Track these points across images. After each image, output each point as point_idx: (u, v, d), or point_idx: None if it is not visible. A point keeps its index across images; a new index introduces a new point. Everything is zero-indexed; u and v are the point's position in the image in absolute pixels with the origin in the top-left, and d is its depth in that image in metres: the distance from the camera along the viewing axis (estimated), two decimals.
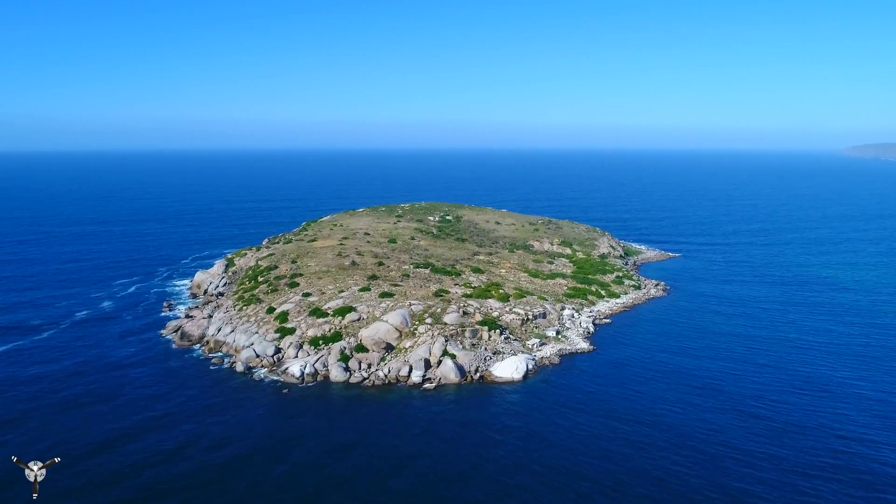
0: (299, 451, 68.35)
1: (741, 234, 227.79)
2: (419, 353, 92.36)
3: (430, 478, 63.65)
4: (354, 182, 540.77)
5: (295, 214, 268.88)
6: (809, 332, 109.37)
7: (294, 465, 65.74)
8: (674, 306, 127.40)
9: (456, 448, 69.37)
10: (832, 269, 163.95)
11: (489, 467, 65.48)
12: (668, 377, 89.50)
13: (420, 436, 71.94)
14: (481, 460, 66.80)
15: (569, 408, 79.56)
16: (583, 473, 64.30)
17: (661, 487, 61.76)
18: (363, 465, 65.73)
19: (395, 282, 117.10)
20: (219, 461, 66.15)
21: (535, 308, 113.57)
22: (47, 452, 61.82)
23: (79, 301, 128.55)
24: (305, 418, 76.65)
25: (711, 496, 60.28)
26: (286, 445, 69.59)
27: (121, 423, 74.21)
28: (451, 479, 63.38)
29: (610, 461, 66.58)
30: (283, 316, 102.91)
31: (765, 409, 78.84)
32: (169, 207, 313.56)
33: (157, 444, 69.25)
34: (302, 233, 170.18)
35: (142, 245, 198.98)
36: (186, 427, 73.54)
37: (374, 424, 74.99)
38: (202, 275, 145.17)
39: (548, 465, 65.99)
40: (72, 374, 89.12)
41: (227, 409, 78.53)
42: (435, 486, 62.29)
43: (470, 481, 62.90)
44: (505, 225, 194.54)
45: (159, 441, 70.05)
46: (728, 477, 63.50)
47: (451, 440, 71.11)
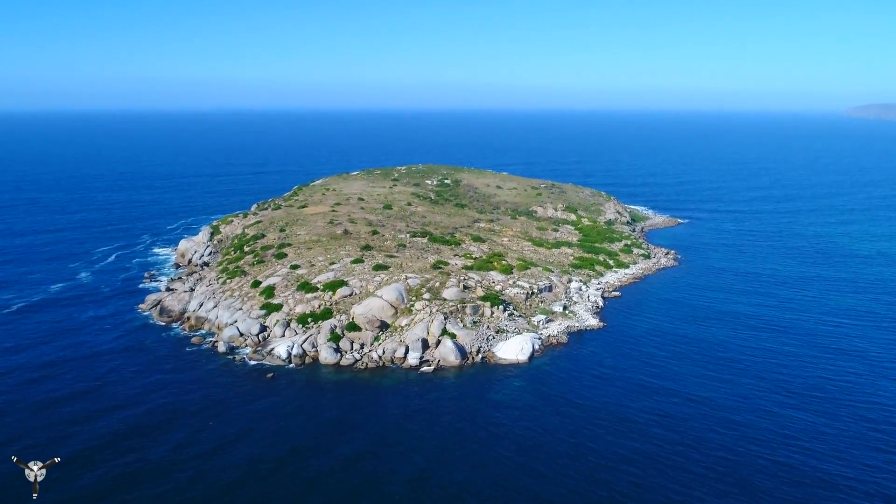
0: (280, 449, 61.29)
1: (751, 200, 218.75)
2: (416, 332, 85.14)
3: (428, 481, 56.89)
4: (349, 144, 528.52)
5: (287, 178, 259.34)
6: (836, 313, 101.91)
7: (274, 463, 58.85)
8: (686, 279, 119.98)
9: (453, 447, 62.41)
10: (852, 239, 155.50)
11: (490, 470, 58.58)
12: (686, 360, 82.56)
13: (417, 431, 64.82)
14: (482, 461, 59.88)
15: (578, 396, 72.68)
16: (600, 478, 57.56)
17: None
18: (351, 465, 58.90)
19: (390, 252, 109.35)
20: (189, 459, 59.22)
21: (541, 281, 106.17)
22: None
23: (54, 272, 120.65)
24: (290, 408, 69.48)
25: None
26: (267, 442, 62.59)
27: (82, 407, 67.20)
28: (448, 486, 56.64)
29: (627, 463, 59.85)
30: (270, 290, 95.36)
31: (794, 399, 72.14)
32: (155, 171, 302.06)
33: (113, 438, 62.05)
34: (292, 198, 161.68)
35: (125, 211, 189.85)
36: (154, 418, 66.22)
37: (366, 416, 67.82)
38: (187, 243, 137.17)
39: (556, 470, 59.19)
40: (34, 355, 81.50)
41: (203, 398, 71.09)
42: (433, 491, 55.54)
43: (469, 487, 56.11)
44: (506, 189, 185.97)
45: (118, 435, 62.70)
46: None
47: (450, 436, 64.17)
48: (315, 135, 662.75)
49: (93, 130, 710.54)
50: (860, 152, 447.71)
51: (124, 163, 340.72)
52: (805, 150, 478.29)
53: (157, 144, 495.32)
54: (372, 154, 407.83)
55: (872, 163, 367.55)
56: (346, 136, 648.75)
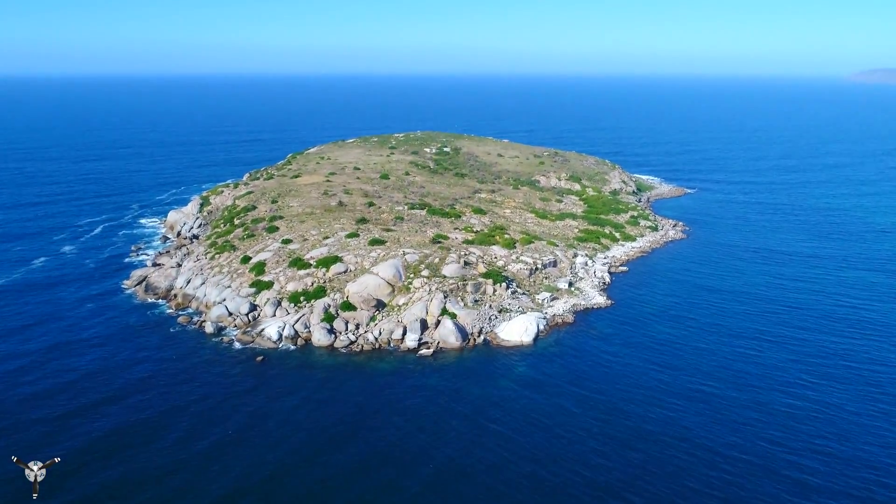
0: (263, 446, 57.02)
1: (760, 171, 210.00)
2: (414, 311, 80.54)
3: (425, 488, 52.82)
4: (346, 110, 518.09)
5: (283, 146, 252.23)
6: (860, 295, 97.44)
7: (256, 462, 54.68)
8: (695, 253, 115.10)
9: (451, 446, 58.05)
10: (869, 213, 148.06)
11: (492, 476, 54.44)
12: (699, 345, 78.15)
13: (414, 433, 59.79)
14: (481, 464, 55.65)
15: (586, 387, 68.30)
16: (618, 493, 53.43)
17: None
18: (343, 465, 54.74)
19: (387, 226, 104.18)
20: (168, 453, 55.02)
21: (545, 255, 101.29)
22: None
23: (37, 246, 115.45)
24: (279, 397, 64.99)
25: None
26: (252, 436, 58.30)
27: (58, 401, 62.82)
28: (447, 494, 52.57)
29: (634, 466, 55.70)
30: (260, 267, 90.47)
31: (810, 389, 67.91)
32: (146, 138, 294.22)
33: (90, 440, 57.23)
34: (286, 167, 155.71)
35: (113, 180, 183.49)
36: (135, 416, 61.71)
37: (359, 407, 63.08)
38: (176, 214, 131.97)
39: (565, 479, 55.02)
40: (10, 343, 76.57)
41: (186, 383, 66.65)
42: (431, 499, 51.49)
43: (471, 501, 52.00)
44: (508, 157, 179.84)
45: (94, 437, 57.75)
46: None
47: (447, 434, 59.59)
48: (312, 101, 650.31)
49: (84, 96, 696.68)
50: (871, 121, 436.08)
51: (115, 130, 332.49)
52: (814, 116, 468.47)
53: (150, 110, 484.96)
54: (369, 120, 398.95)
55: (887, 131, 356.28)
56: (343, 102, 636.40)
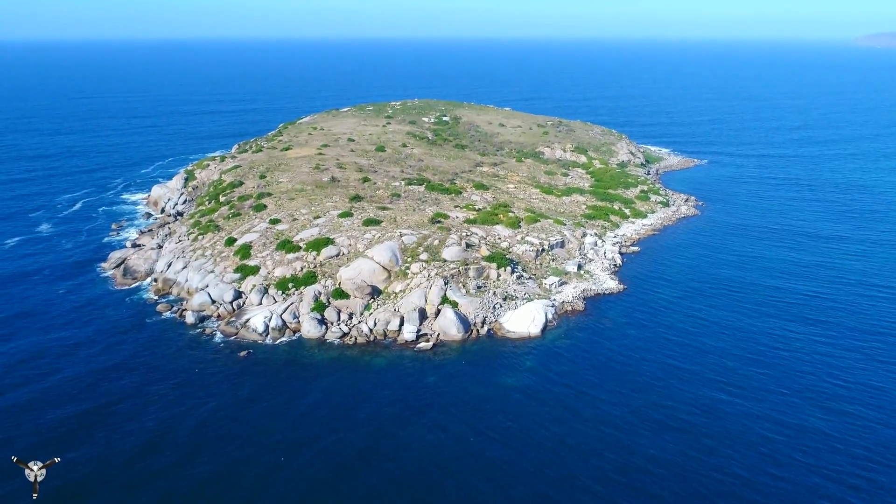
0: (243, 455, 51.39)
1: (773, 143, 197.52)
2: (412, 299, 74.32)
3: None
4: (341, 76, 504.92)
5: (275, 115, 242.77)
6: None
7: (234, 475, 48.97)
8: (710, 231, 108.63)
9: (448, 448, 52.57)
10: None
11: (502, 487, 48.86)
12: (719, 338, 72.20)
13: (411, 443, 54.40)
14: (493, 478, 50.11)
15: (598, 386, 62.51)
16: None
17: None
18: (334, 465, 49.05)
19: (382, 204, 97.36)
20: (140, 467, 49.31)
21: (552, 235, 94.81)
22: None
23: (11, 223, 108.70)
24: (263, 399, 59.19)
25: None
26: (233, 446, 52.59)
27: (21, 402, 56.94)
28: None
29: (656, 479, 50.08)
30: (245, 250, 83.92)
31: (846, 389, 62.12)
32: (130, 106, 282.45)
33: (52, 432, 52.17)
34: (276, 138, 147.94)
35: (96, 150, 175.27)
36: (96, 413, 56.02)
37: (353, 412, 57.45)
38: (160, 189, 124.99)
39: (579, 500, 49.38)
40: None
41: (158, 383, 60.71)
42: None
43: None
44: (510, 127, 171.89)
45: (56, 429, 52.84)
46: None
47: (447, 440, 54.18)
48: (306, 67, 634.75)
49: (70, 63, 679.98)
50: (887, 88, 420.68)
51: (101, 97, 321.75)
52: (826, 83, 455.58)
53: (139, 77, 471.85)
54: (365, 88, 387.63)
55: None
56: (338, 68, 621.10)
